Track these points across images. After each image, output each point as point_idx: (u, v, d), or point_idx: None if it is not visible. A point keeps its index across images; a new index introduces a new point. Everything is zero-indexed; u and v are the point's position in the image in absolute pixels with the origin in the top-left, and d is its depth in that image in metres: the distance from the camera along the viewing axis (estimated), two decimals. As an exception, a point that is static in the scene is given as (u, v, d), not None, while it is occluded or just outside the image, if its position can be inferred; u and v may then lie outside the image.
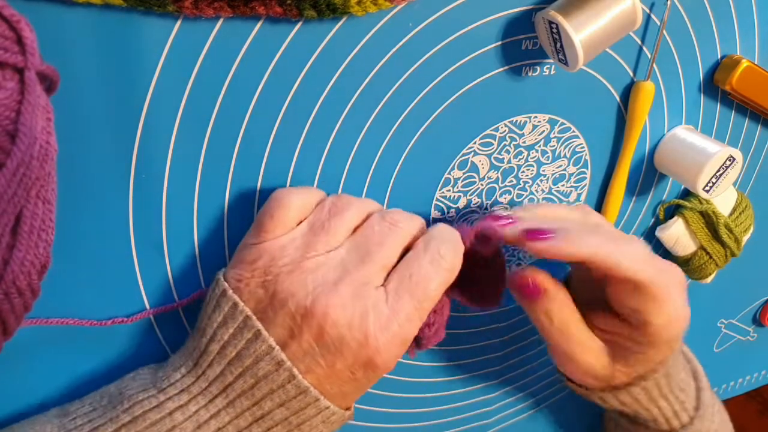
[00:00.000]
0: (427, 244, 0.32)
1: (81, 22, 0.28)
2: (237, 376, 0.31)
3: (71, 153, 0.30)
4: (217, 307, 0.32)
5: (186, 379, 0.32)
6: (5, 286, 0.24)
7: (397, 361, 0.31)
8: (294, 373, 0.30)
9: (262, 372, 0.30)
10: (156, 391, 0.31)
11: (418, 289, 0.31)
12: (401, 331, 0.30)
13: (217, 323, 0.31)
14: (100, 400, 0.32)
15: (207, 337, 0.31)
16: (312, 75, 0.33)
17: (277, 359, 0.30)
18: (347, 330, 0.30)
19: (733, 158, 0.42)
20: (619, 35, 0.35)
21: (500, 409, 0.52)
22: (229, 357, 0.31)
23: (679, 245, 0.48)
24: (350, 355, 0.30)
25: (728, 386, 0.66)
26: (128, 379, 0.33)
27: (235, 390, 0.31)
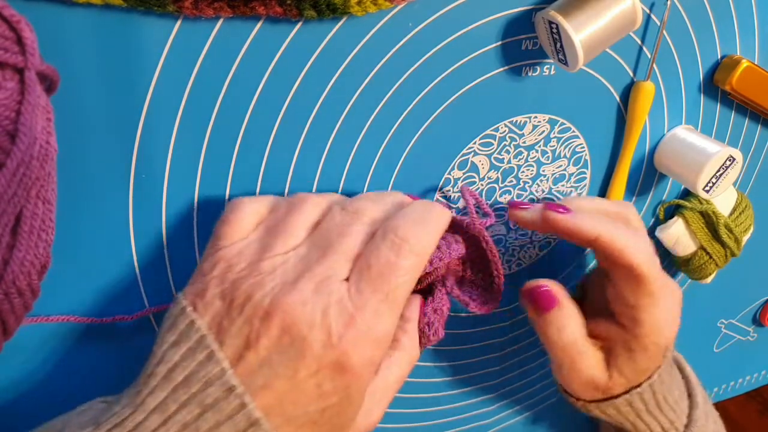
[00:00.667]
0: (386, 230, 0.29)
1: (81, 22, 0.28)
2: (181, 405, 0.26)
3: (71, 153, 0.30)
4: (173, 326, 0.28)
5: (124, 410, 0.27)
6: (5, 286, 0.24)
7: (372, 367, 0.28)
8: (245, 400, 0.26)
9: (209, 399, 0.26)
10: (93, 428, 0.26)
11: (381, 280, 0.28)
12: (369, 329, 0.27)
13: (169, 343, 0.27)
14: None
15: (156, 358, 0.27)
16: (312, 75, 0.33)
17: (228, 384, 0.26)
18: (308, 329, 0.26)
19: (733, 158, 0.41)
20: (619, 35, 0.35)
21: (500, 409, 0.52)
22: (175, 381, 0.26)
23: (679, 245, 0.48)
24: (313, 359, 0.26)
25: (728, 386, 0.66)
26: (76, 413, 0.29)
27: (176, 422, 0.26)
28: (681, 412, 0.41)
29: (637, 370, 0.38)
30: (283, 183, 0.36)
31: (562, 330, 0.37)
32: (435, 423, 0.50)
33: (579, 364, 0.38)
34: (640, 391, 0.39)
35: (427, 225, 0.30)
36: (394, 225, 0.29)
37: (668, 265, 0.52)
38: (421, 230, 0.29)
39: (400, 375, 0.32)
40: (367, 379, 0.28)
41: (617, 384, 0.38)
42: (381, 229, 0.29)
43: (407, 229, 0.29)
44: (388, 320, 0.28)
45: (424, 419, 0.49)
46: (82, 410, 0.29)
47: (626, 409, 0.40)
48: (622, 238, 0.35)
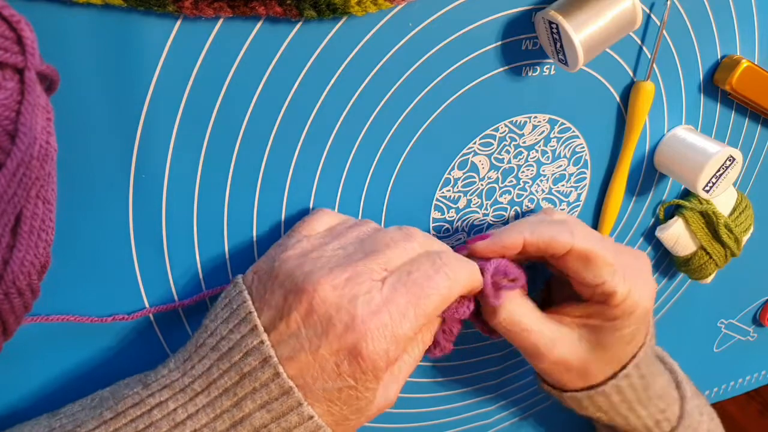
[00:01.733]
0: (431, 253, 0.32)
1: (81, 22, 0.28)
2: (223, 371, 0.29)
3: (71, 153, 0.30)
4: (228, 305, 0.31)
5: (172, 373, 0.30)
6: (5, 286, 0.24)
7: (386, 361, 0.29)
8: (279, 370, 0.29)
9: (247, 368, 0.29)
10: (141, 387, 0.30)
11: (416, 286, 0.30)
12: (392, 323, 0.29)
13: (222, 320, 0.31)
14: (91, 402, 0.32)
15: (207, 332, 0.31)
16: (312, 75, 0.33)
17: (264, 354, 0.29)
18: (335, 311, 0.29)
19: (733, 158, 0.42)
20: (619, 35, 0.35)
21: (499, 409, 0.52)
22: (221, 351, 0.30)
23: (679, 245, 0.48)
24: (335, 339, 0.29)
25: (728, 386, 0.66)
26: (123, 385, 0.32)
27: (218, 387, 0.29)
28: (672, 401, 0.41)
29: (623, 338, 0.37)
30: (283, 183, 0.36)
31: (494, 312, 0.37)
32: (435, 423, 0.50)
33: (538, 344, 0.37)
34: (627, 373, 0.38)
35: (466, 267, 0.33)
36: (440, 252, 0.32)
37: (668, 265, 0.52)
38: (460, 267, 0.32)
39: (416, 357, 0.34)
40: (382, 368, 0.30)
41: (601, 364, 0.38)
42: (426, 252, 0.32)
43: (450, 258, 0.32)
44: (411, 324, 0.30)
45: (424, 419, 0.49)
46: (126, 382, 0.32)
47: (617, 398, 0.39)
48: (547, 229, 0.36)
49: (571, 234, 0.36)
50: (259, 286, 0.31)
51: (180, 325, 0.38)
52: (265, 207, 0.36)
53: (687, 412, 0.41)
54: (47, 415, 0.32)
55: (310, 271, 0.30)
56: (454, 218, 0.42)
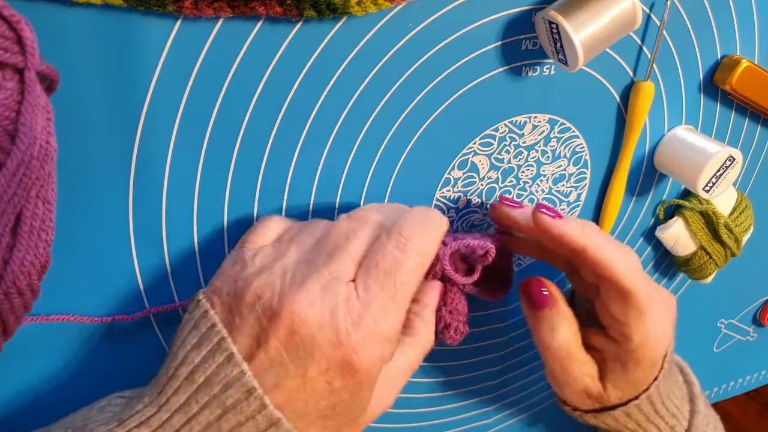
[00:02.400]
0: (390, 230, 0.30)
1: (81, 22, 0.28)
2: (203, 405, 0.27)
3: (71, 153, 0.30)
4: (194, 328, 0.29)
5: (147, 409, 0.28)
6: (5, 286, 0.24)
7: (380, 364, 0.28)
8: (265, 402, 0.27)
9: (230, 401, 0.27)
10: (116, 424, 0.28)
11: (388, 278, 0.29)
12: (377, 326, 0.28)
13: (191, 346, 0.28)
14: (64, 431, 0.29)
15: (177, 360, 0.28)
16: (312, 75, 0.33)
17: (248, 386, 0.27)
18: (317, 329, 0.27)
19: (733, 158, 0.41)
20: (619, 35, 0.35)
21: (499, 410, 0.52)
22: (197, 383, 0.27)
23: (679, 245, 0.48)
24: (323, 358, 0.27)
25: (728, 386, 0.66)
26: (96, 410, 0.30)
27: (199, 422, 0.27)
28: (682, 417, 0.41)
29: (632, 382, 0.38)
30: (283, 182, 0.36)
31: (554, 330, 0.37)
32: (434, 423, 0.50)
33: (571, 369, 0.37)
34: (638, 403, 0.38)
35: (429, 227, 0.31)
36: (399, 226, 0.30)
37: (668, 265, 0.52)
38: (423, 232, 0.31)
39: (414, 359, 0.32)
40: (377, 374, 0.29)
41: (612, 395, 0.38)
42: (386, 231, 0.31)
43: (411, 229, 0.30)
44: (395, 317, 0.29)
45: (424, 419, 0.49)
46: (101, 406, 0.30)
47: (624, 420, 0.39)
48: (610, 251, 0.34)
49: (627, 266, 0.34)
50: (224, 309, 0.29)
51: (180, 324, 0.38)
52: (265, 207, 0.36)
53: (695, 426, 0.41)
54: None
55: (281, 291, 0.28)
56: (454, 218, 0.42)
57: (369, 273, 0.29)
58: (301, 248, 0.31)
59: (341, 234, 0.31)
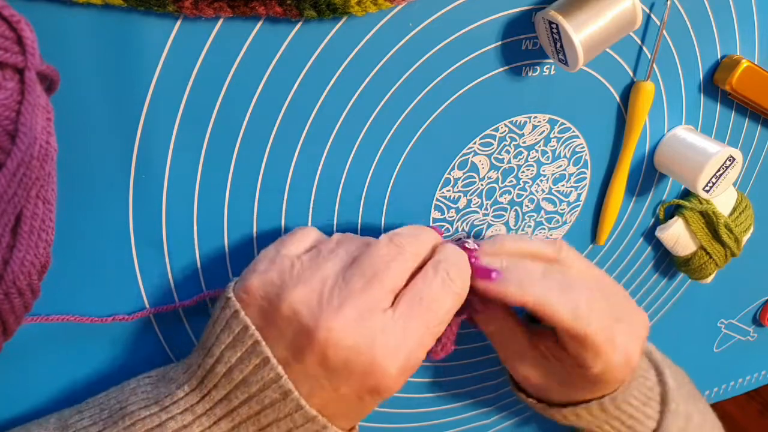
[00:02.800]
0: (437, 267, 0.32)
1: (81, 22, 0.28)
2: (243, 401, 0.30)
3: (71, 153, 0.30)
4: (227, 328, 0.30)
5: (190, 397, 0.30)
6: (5, 286, 0.24)
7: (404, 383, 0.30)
8: (302, 403, 0.29)
9: (268, 400, 0.29)
10: (158, 409, 0.30)
11: (429, 313, 0.30)
12: (411, 357, 0.30)
13: (225, 345, 0.30)
14: (100, 413, 0.31)
15: (213, 358, 0.30)
16: (312, 75, 0.33)
17: (284, 388, 0.29)
18: (354, 354, 0.28)
19: (733, 158, 0.41)
20: (619, 35, 0.35)
21: (497, 410, 0.52)
22: (235, 381, 0.30)
23: (679, 245, 0.48)
24: (356, 381, 0.29)
25: (728, 386, 0.66)
26: (129, 392, 0.32)
27: (240, 415, 0.30)
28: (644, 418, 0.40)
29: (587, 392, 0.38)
30: (283, 182, 0.36)
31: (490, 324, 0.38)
32: (435, 423, 0.50)
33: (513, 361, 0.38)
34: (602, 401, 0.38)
35: (465, 268, 0.33)
36: (445, 265, 0.32)
37: (668, 265, 0.52)
38: (461, 272, 0.32)
39: None
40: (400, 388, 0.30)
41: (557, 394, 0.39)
42: (432, 265, 0.32)
43: (456, 272, 0.32)
44: (424, 351, 0.30)
45: (424, 419, 0.49)
46: (131, 388, 0.32)
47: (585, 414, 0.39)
48: (551, 300, 0.34)
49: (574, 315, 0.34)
50: (257, 312, 0.30)
51: (180, 326, 0.38)
52: (265, 207, 0.36)
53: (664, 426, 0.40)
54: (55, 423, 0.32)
55: (318, 312, 0.29)
56: (454, 218, 0.42)
57: (412, 306, 0.30)
58: (338, 264, 0.31)
59: (381, 259, 0.31)
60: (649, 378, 0.42)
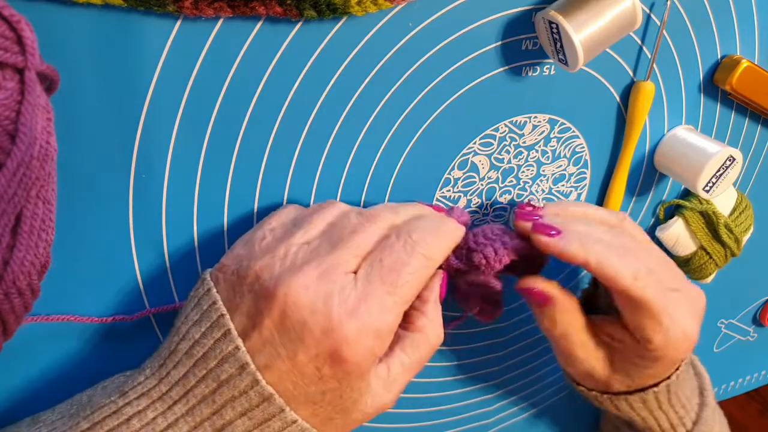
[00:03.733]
0: (399, 231, 0.30)
1: (81, 22, 0.28)
2: (200, 378, 0.28)
3: (71, 153, 0.30)
4: (197, 305, 0.30)
5: (149, 381, 0.29)
6: (5, 287, 0.24)
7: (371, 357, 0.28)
8: (257, 377, 0.27)
9: (225, 375, 0.28)
10: (118, 395, 0.29)
11: (391, 274, 0.28)
12: (371, 320, 0.27)
13: (193, 322, 0.29)
14: (69, 408, 0.31)
15: (180, 335, 0.29)
16: (312, 75, 0.33)
17: (241, 361, 0.27)
18: (309, 314, 0.27)
19: (733, 158, 0.42)
20: (619, 35, 0.35)
21: (500, 409, 0.52)
22: (195, 357, 0.28)
23: (679, 245, 0.48)
24: (313, 344, 0.27)
25: (728, 386, 0.66)
26: (100, 386, 0.31)
27: (195, 395, 0.28)
28: (690, 409, 0.41)
29: (648, 376, 0.37)
30: (283, 182, 0.36)
31: (555, 322, 0.37)
32: (435, 423, 0.50)
33: (574, 352, 0.37)
34: (657, 391, 0.38)
35: (440, 235, 0.31)
36: (410, 228, 0.31)
37: (668, 265, 0.52)
38: (434, 237, 0.31)
39: (418, 358, 0.32)
40: (368, 367, 0.28)
41: (619, 383, 0.38)
42: (395, 232, 0.31)
43: (421, 234, 0.30)
44: (391, 314, 0.28)
45: (424, 419, 0.49)
46: (104, 385, 0.32)
47: (639, 405, 0.39)
48: (612, 262, 0.33)
49: (634, 276, 0.33)
50: (226, 286, 0.29)
51: (180, 325, 0.38)
52: (265, 207, 0.36)
53: (703, 419, 0.41)
54: (28, 421, 0.31)
55: (279, 273, 0.28)
56: (454, 218, 0.42)
57: (372, 267, 0.29)
58: (308, 233, 0.30)
59: (349, 227, 0.30)
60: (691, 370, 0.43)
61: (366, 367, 0.28)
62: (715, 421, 0.43)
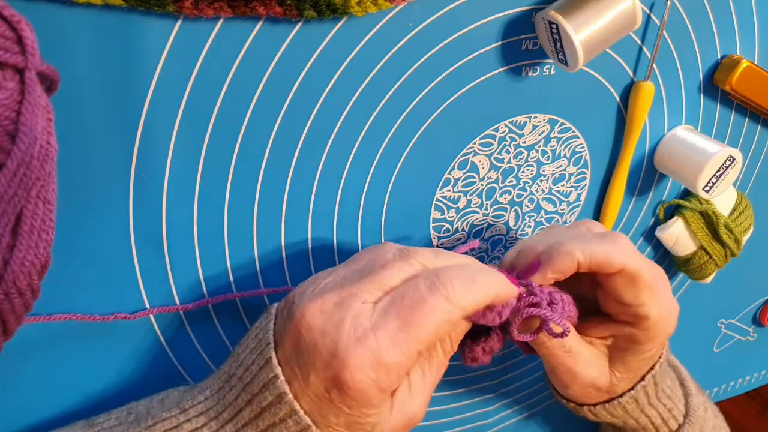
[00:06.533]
0: (427, 273, 0.29)
1: (81, 22, 0.28)
2: (246, 402, 0.29)
3: (71, 153, 0.30)
4: (257, 334, 0.31)
5: (208, 401, 0.31)
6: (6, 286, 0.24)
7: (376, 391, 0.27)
8: (295, 408, 0.28)
9: (266, 402, 0.29)
10: (178, 411, 0.31)
11: (408, 310, 0.28)
12: (378, 351, 0.27)
13: (250, 349, 0.30)
14: (127, 416, 0.32)
15: (238, 362, 0.31)
16: (312, 75, 0.33)
17: (280, 390, 0.28)
18: (320, 336, 0.27)
19: (733, 158, 0.42)
20: (619, 35, 0.35)
21: (500, 409, 0.52)
22: (245, 381, 0.30)
23: (679, 245, 0.48)
24: (321, 367, 0.27)
25: (728, 386, 0.66)
26: (158, 399, 0.33)
27: (243, 418, 0.30)
28: (677, 400, 0.41)
29: (645, 360, 0.38)
30: (283, 182, 0.36)
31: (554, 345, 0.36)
32: (435, 423, 0.50)
33: (574, 366, 0.37)
34: (644, 384, 0.39)
35: (474, 284, 0.29)
36: (439, 272, 0.29)
37: (668, 265, 0.52)
38: (463, 285, 0.29)
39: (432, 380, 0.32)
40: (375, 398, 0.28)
41: (621, 380, 0.38)
42: (423, 272, 0.30)
43: (451, 278, 0.29)
44: (402, 352, 0.27)
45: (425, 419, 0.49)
46: (160, 399, 0.33)
47: (632, 407, 0.39)
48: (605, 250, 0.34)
49: (623, 253, 0.34)
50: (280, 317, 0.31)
51: (180, 325, 0.38)
52: (265, 207, 0.36)
53: (692, 409, 0.41)
54: (83, 424, 0.33)
55: (305, 297, 0.29)
56: (455, 218, 0.42)
57: (393, 302, 0.28)
58: (349, 267, 0.31)
59: (382, 261, 0.30)
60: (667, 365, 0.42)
61: (372, 396, 0.27)
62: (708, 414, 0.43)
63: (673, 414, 0.41)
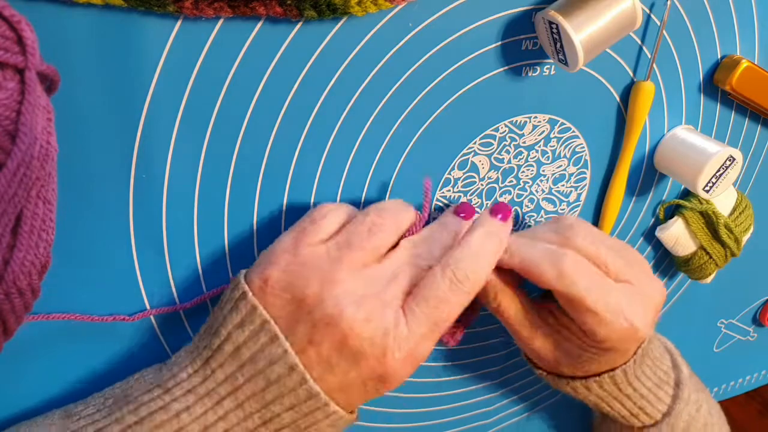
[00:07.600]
0: (444, 270, 0.32)
1: (81, 22, 0.28)
2: (248, 378, 0.31)
3: (71, 153, 0.30)
4: (235, 308, 0.32)
5: (193, 378, 0.32)
6: (6, 286, 0.24)
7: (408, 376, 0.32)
8: (306, 377, 0.30)
9: (274, 375, 0.31)
10: (161, 392, 0.32)
11: (435, 312, 0.31)
12: (416, 351, 0.31)
13: (233, 324, 0.31)
14: (104, 401, 0.32)
15: (220, 338, 0.31)
16: (312, 75, 0.33)
17: (290, 363, 0.30)
18: (369, 345, 0.30)
19: (733, 158, 0.42)
20: (619, 35, 0.35)
21: (500, 409, 0.52)
22: (242, 359, 0.31)
23: (679, 245, 0.48)
24: (366, 368, 0.31)
25: (728, 386, 0.66)
26: (133, 381, 0.33)
27: (244, 392, 0.31)
28: (655, 400, 0.41)
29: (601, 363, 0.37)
30: (283, 182, 0.36)
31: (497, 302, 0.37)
32: (435, 423, 0.50)
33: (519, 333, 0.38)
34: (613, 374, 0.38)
35: (483, 261, 0.33)
36: (455, 261, 0.32)
37: (668, 265, 0.52)
38: (478, 269, 0.33)
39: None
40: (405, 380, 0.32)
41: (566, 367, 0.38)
42: (441, 268, 0.32)
43: (467, 269, 0.32)
44: (431, 345, 0.32)
45: (425, 419, 0.49)
46: (135, 378, 0.34)
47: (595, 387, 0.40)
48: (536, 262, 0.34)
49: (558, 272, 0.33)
50: (274, 299, 0.31)
51: (180, 325, 0.38)
52: (265, 207, 0.36)
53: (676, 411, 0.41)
54: (60, 413, 0.33)
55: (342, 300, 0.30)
56: (454, 218, 0.42)
57: (419, 305, 0.32)
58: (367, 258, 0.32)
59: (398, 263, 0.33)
60: (664, 362, 0.42)
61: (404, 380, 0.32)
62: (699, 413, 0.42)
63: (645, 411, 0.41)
